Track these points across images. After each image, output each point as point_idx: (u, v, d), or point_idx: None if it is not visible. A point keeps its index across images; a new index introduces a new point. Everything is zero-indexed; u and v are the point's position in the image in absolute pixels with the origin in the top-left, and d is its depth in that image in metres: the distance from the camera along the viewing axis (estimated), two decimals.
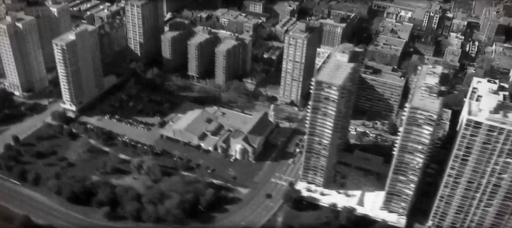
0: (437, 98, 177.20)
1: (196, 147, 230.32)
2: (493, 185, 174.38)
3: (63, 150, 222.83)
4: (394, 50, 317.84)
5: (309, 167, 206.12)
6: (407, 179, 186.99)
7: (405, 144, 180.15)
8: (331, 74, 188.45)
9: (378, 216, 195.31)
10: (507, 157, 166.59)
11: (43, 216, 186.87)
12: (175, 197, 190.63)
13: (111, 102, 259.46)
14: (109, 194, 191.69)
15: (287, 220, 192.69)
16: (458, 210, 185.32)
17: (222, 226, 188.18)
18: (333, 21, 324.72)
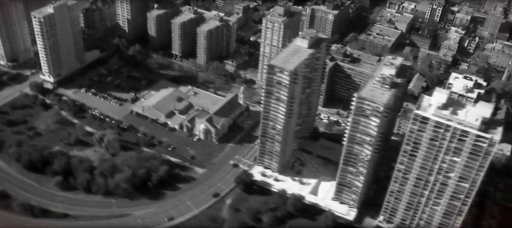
0: (389, 89, 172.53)
1: (163, 125, 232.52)
2: (440, 184, 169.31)
3: (34, 119, 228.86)
4: (387, 40, 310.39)
5: (264, 152, 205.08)
6: (357, 171, 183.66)
7: (354, 134, 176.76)
8: (286, 59, 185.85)
9: (328, 206, 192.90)
10: (453, 155, 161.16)
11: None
12: (127, 171, 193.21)
13: (91, 76, 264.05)
14: (64, 164, 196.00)
15: (234, 203, 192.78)
16: (407, 207, 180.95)
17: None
18: (326, 8, 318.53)
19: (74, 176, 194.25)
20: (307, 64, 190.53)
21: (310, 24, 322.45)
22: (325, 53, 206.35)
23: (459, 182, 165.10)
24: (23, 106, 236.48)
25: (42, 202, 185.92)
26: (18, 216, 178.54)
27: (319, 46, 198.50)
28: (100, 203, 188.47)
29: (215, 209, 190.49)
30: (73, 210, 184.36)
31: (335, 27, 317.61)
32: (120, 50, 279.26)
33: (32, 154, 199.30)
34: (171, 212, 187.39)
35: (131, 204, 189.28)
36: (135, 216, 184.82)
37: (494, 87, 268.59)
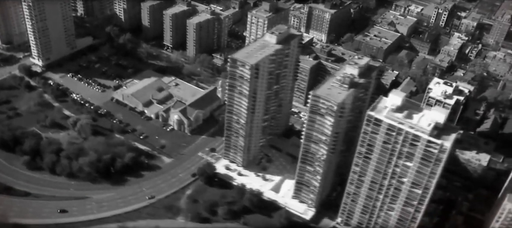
0: (348, 89, 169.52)
1: (140, 113, 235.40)
2: (394, 188, 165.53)
3: (17, 100, 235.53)
4: (383, 42, 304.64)
5: (229, 146, 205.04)
6: (314, 170, 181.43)
7: (310, 133, 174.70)
8: (250, 54, 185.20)
9: (287, 204, 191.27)
10: (406, 160, 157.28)
11: None
12: (92, 155, 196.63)
13: (80, 62, 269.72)
14: (33, 145, 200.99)
15: (194, 194, 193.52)
16: (363, 210, 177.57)
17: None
18: (324, 7, 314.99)
19: (42, 157, 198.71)
20: (272, 60, 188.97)
21: (307, 22, 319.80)
22: (297, 50, 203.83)
23: (412, 188, 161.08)
24: (9, 87, 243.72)
25: (8, 180, 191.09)
26: None
27: (289, 42, 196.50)
28: (61, 184, 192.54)
29: (173, 199, 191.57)
30: (34, 189, 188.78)
31: (332, 27, 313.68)
32: (111, 38, 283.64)
33: (5, 133, 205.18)
34: (130, 198, 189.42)
35: (91, 188, 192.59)
36: (93, 200, 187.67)
37: (486, 96, 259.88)
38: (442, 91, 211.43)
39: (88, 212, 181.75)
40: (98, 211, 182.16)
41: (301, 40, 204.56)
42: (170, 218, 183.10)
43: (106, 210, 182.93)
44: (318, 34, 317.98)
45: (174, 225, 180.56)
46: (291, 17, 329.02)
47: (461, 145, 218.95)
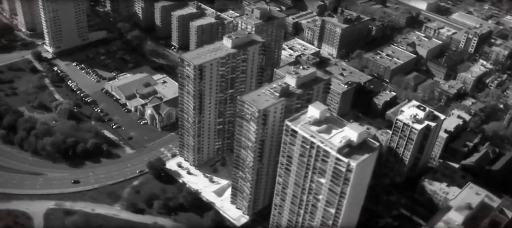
0: (278, 98, 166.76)
1: (122, 105, 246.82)
2: (312, 205, 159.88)
3: (20, 81, 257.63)
4: (393, 62, 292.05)
5: (183, 144, 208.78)
6: (245, 176, 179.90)
7: (239, 138, 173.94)
8: (200, 55, 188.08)
9: (223, 207, 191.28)
10: (319, 176, 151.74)
11: None
12: (58, 137, 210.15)
13: (88, 53, 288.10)
14: (11, 121, 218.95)
15: (138, 185, 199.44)
16: (288, 224, 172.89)
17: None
18: (336, 21, 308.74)
19: (16, 132, 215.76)
20: (223, 63, 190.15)
21: (320, 35, 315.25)
22: (258, 56, 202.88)
23: (326, 206, 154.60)
24: (17, 69, 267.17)
25: None
26: None
27: (246, 48, 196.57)
28: (25, 159, 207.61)
29: (119, 187, 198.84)
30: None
31: (344, 42, 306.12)
32: (122, 34, 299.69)
33: None
34: (80, 181, 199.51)
35: (49, 166, 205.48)
36: (47, 177, 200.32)
37: (484, 128, 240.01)
38: (411, 115, 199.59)
39: (35, 187, 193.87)
40: (43, 188, 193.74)
41: (264, 47, 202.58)
42: (109, 204, 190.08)
43: (52, 188, 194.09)
44: (329, 48, 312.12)
45: (108, 210, 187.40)
46: (306, 29, 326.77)
47: (434, 175, 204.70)
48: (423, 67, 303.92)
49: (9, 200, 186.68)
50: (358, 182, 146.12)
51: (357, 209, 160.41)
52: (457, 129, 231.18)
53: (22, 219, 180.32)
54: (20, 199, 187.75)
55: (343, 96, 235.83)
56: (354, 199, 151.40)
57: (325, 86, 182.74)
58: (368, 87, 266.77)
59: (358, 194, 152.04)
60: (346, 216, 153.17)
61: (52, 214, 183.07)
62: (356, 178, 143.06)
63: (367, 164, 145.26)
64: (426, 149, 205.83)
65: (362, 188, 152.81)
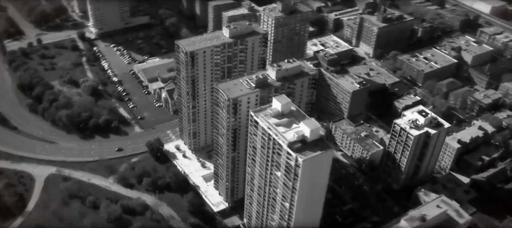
0: (253, 88, 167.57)
1: (144, 87, 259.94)
2: (272, 198, 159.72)
3: (60, 58, 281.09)
4: (429, 66, 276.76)
5: (182, 128, 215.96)
6: (223, 163, 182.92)
7: (216, 124, 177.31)
8: (196, 42, 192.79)
9: (205, 191, 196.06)
10: (276, 169, 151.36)
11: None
12: (75, 110, 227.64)
13: (128, 37, 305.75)
14: (39, 93, 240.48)
15: (135, 162, 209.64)
16: (257, 215, 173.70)
17: None
18: (375, 19, 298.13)
19: (41, 103, 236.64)
20: (217, 52, 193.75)
21: (358, 34, 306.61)
22: (259, 48, 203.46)
23: (282, 200, 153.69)
24: (62, 47, 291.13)
25: (10, 115, 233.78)
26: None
27: (245, 39, 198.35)
28: (44, 128, 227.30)
29: (118, 162, 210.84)
30: (22, 126, 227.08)
31: (381, 41, 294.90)
32: (162, 20, 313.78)
33: (26, 79, 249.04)
34: (84, 152, 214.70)
35: (63, 136, 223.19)
36: (58, 146, 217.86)
37: (510, 144, 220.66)
38: (410, 120, 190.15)
39: (44, 153, 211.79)
40: (52, 155, 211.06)
41: (264, 39, 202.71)
42: (104, 176, 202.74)
43: (59, 156, 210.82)
44: (367, 48, 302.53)
45: (102, 182, 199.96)
46: (345, 27, 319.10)
47: (433, 186, 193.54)
48: (465, 73, 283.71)
49: (20, 162, 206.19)
50: (310, 179, 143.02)
51: (317, 207, 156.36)
52: (474, 141, 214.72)
53: (26, 179, 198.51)
54: (29, 162, 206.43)
55: (354, 96, 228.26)
56: (309, 196, 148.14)
57: (310, 81, 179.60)
58: (392, 89, 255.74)
59: (313, 192, 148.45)
60: (302, 212, 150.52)
61: (52, 179, 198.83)
62: (306, 174, 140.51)
63: (319, 162, 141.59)
64: (427, 158, 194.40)
65: (318, 186, 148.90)
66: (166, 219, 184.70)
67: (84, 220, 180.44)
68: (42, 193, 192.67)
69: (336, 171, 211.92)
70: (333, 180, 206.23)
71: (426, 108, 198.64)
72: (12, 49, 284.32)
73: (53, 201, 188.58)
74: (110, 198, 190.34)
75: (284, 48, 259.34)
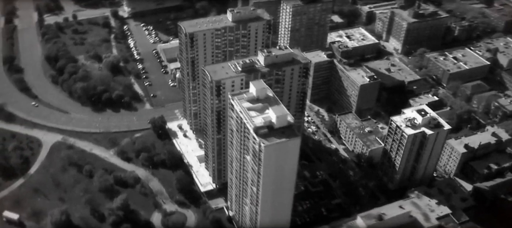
0: (239, 73, 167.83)
1: (164, 67, 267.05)
2: (245, 182, 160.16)
3: (91, 34, 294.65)
4: (457, 66, 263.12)
5: (185, 107, 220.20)
6: (209, 144, 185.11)
7: (204, 105, 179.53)
8: (198, 24, 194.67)
9: (197, 171, 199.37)
10: (246, 152, 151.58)
11: None
12: (90, 83, 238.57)
13: (158, 18, 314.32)
14: (62, 65, 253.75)
15: (137, 138, 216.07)
16: (235, 198, 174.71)
17: None
18: (406, 14, 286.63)
19: (62, 74, 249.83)
20: (218, 35, 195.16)
21: (388, 28, 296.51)
22: (263, 34, 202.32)
23: (251, 185, 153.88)
24: (94, 23, 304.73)
25: (33, 84, 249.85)
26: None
27: (247, 24, 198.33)
28: (60, 98, 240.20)
29: (121, 136, 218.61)
30: (41, 95, 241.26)
31: (411, 37, 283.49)
32: (193, 2, 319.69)
33: (53, 51, 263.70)
34: (92, 123, 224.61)
35: (76, 107, 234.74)
36: (70, 116, 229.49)
37: None
38: (406, 118, 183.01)
39: (56, 121, 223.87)
40: (62, 123, 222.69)
41: (269, 25, 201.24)
42: (106, 148, 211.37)
43: (68, 125, 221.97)
44: (396, 43, 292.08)
45: (103, 153, 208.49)
46: (377, 20, 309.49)
47: (427, 190, 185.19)
48: (498, 77, 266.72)
49: (32, 128, 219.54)
50: (275, 165, 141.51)
51: (286, 195, 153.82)
52: (485, 148, 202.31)
53: (34, 144, 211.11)
54: (41, 129, 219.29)
55: (362, 90, 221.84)
56: (275, 182, 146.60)
57: (301, 70, 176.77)
58: (410, 87, 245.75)
59: (280, 179, 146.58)
60: (269, 197, 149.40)
61: (57, 146, 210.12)
62: (270, 160, 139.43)
63: (283, 149, 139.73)
64: (425, 159, 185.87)
65: (285, 173, 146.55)
66: (154, 194, 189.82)
67: (77, 186, 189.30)
68: (46, 159, 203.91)
69: (333, 164, 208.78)
70: (329, 173, 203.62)
71: (427, 107, 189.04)
72: (49, 23, 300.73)
73: (53, 166, 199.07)
74: (106, 169, 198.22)
75: (302, 37, 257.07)
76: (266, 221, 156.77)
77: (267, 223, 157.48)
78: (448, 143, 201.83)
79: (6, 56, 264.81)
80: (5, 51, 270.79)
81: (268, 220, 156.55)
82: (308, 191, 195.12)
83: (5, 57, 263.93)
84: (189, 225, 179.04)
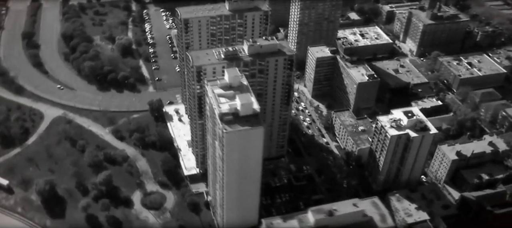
0: (221, 60, 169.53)
1: (174, 52, 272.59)
2: (214, 168, 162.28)
3: (110, 15, 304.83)
4: (468, 72, 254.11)
5: (183, 93, 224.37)
6: (192, 127, 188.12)
7: (191, 90, 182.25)
8: (195, 11, 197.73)
9: (184, 155, 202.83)
10: (214, 137, 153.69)
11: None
12: (98, 63, 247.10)
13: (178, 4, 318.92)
14: (74, 44, 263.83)
15: (135, 118, 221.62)
16: (212, 182, 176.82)
17: None
18: (424, 15, 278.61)
19: (74, 52, 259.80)
20: (213, 22, 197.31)
21: (405, 29, 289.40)
22: (260, 24, 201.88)
23: (218, 169, 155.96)
24: (115, 6, 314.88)
25: (46, 61, 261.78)
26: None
27: (243, 13, 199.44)
28: (69, 74, 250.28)
29: (119, 115, 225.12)
30: (51, 71, 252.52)
31: (428, 39, 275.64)
32: None
33: (69, 30, 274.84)
34: (94, 102, 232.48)
35: (83, 85, 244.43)
36: (75, 93, 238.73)
37: None
38: (392, 118, 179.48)
39: (60, 97, 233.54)
40: (66, 99, 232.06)
41: (266, 17, 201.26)
42: (103, 126, 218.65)
43: (71, 101, 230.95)
44: (412, 44, 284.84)
45: (99, 130, 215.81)
46: (396, 20, 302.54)
47: (409, 194, 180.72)
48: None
49: (37, 101, 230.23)
50: (238, 152, 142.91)
51: (252, 184, 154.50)
52: (479, 157, 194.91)
53: (37, 117, 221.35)
54: (45, 103, 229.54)
55: (360, 88, 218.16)
56: (240, 170, 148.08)
57: (285, 62, 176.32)
58: (415, 89, 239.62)
59: (244, 166, 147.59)
60: (234, 184, 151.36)
61: (57, 120, 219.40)
62: (232, 146, 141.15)
63: (245, 137, 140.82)
64: (409, 162, 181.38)
65: (249, 161, 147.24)
66: (140, 173, 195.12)
67: (68, 159, 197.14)
68: (45, 131, 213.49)
69: (322, 160, 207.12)
70: (316, 169, 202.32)
71: (417, 109, 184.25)
72: (73, 3, 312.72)
73: (50, 139, 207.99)
74: (98, 145, 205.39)
75: (311, 31, 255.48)
76: (233, 208, 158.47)
77: (234, 210, 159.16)
78: (440, 148, 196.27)
79: (26, 31, 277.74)
80: (27, 27, 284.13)
81: (234, 207, 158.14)
82: (291, 184, 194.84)
83: (25, 32, 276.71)
84: (166, 206, 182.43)
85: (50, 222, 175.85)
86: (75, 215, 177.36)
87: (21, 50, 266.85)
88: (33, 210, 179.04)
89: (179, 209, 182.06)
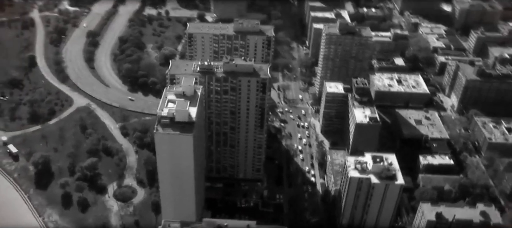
0: (196, 73, 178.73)
1: None
2: None
3: (170, 29, 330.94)
4: (503, 138, 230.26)
5: None
6: None
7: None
8: (201, 28, 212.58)
9: None
10: None
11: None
12: (135, 67, 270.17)
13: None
14: (125, 47, 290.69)
15: (143, 120, 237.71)
16: None
17: None
18: (471, 71, 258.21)
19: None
20: (215, 40, 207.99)
21: (452, 80, 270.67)
22: (262, 49, 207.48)
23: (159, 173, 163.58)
24: (179, 21, 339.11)
25: (96, 57, 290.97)
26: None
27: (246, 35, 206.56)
28: (110, 74, 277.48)
29: (133, 114, 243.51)
30: (98, 68, 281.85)
31: (471, 97, 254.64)
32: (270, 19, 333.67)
33: (125, 35, 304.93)
34: (120, 99, 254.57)
35: (117, 84, 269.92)
36: (108, 89, 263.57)
37: None
38: (358, 160, 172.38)
39: (94, 91, 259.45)
40: (97, 93, 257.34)
41: (268, 41, 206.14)
42: (116, 121, 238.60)
43: (100, 95, 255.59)
44: (455, 100, 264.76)
45: (110, 123, 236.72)
46: (446, 72, 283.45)
47: None
48: None
49: (74, 90, 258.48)
50: (168, 156, 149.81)
51: (186, 192, 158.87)
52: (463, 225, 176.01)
53: (67, 103, 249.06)
54: (79, 93, 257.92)
55: (358, 129, 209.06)
56: (172, 176, 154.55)
57: (258, 84, 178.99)
58: (428, 143, 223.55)
59: (176, 173, 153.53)
60: (168, 189, 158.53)
61: (82, 108, 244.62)
62: (161, 148, 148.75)
63: (173, 141, 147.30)
64: (374, 211, 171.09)
65: (180, 168, 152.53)
66: (125, 167, 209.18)
67: (73, 143, 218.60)
68: (68, 116, 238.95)
69: (299, 193, 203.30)
70: (289, 200, 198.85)
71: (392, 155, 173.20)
72: (145, 13, 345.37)
73: (68, 123, 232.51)
74: (103, 136, 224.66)
75: (336, 67, 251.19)
76: (168, 205, 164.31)
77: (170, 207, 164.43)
78: (422, 206, 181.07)
79: (92, 31, 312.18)
80: (95, 28, 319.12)
81: (170, 204, 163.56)
82: (256, 208, 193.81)
83: (90, 32, 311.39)
84: (133, 201, 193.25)
85: (32, 191, 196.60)
86: (55, 190, 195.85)
87: (82, 46, 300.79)
88: (24, 178, 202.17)
89: (143, 207, 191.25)
